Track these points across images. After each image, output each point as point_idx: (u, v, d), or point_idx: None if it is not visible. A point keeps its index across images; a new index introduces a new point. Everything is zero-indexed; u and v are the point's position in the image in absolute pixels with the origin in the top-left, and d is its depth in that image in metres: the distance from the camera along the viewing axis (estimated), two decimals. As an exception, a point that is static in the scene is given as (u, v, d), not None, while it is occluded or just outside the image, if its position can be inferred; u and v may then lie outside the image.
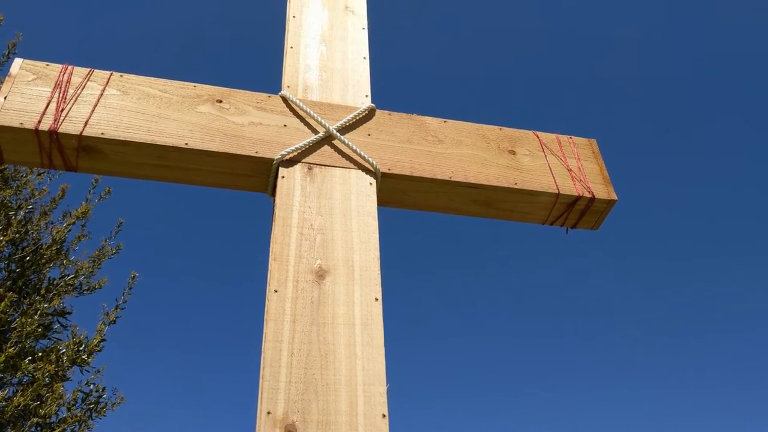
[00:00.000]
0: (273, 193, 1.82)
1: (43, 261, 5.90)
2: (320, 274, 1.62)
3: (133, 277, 5.89)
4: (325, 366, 1.46)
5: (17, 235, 5.72)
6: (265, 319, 1.53)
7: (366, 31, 2.31)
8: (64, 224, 6.12)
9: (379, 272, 1.67)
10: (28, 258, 5.77)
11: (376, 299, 1.61)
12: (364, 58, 2.22)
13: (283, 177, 1.80)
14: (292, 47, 2.16)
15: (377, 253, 1.70)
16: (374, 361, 1.50)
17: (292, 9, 2.30)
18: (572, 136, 2.19)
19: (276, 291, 1.56)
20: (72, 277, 6.02)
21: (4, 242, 5.43)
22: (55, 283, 5.86)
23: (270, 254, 1.64)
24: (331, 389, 1.43)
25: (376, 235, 1.74)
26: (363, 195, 1.82)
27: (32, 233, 6.02)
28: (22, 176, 6.17)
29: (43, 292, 5.66)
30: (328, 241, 1.69)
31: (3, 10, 6.56)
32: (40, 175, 6.26)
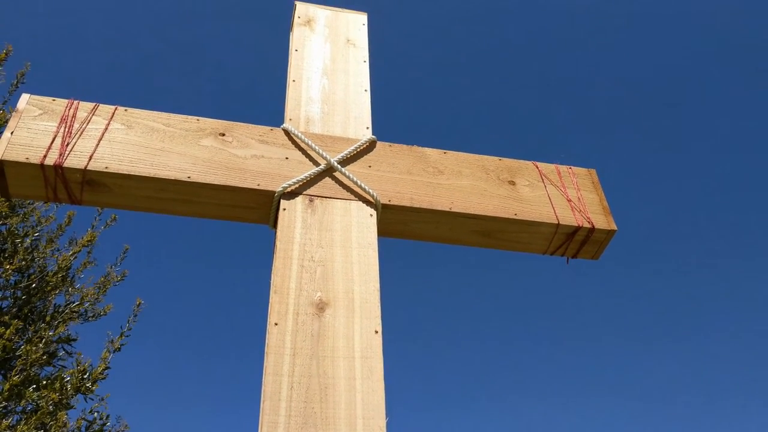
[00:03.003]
0: (275, 225, 1.84)
1: (49, 288, 5.92)
2: (320, 307, 1.63)
3: (139, 304, 5.90)
4: (325, 399, 1.46)
5: (23, 263, 5.75)
6: (265, 352, 1.53)
7: (367, 64, 2.34)
8: (70, 252, 6.15)
9: (379, 304, 1.67)
10: (34, 285, 5.79)
11: (376, 331, 1.62)
12: (366, 90, 2.25)
13: (284, 209, 1.82)
14: (294, 80, 2.20)
15: (377, 285, 1.71)
16: (374, 394, 1.50)
17: (294, 43, 2.34)
18: (572, 167, 2.20)
19: (276, 324, 1.57)
20: (77, 304, 6.03)
21: (10, 271, 5.45)
22: (60, 310, 5.88)
23: (271, 287, 1.66)
24: (330, 423, 1.44)
25: (377, 267, 1.75)
26: (363, 226, 1.84)
27: (38, 260, 6.05)
28: (29, 204, 6.22)
29: (48, 319, 5.67)
30: (328, 273, 1.70)
31: (12, 41, 6.67)
32: (46, 202, 6.31)
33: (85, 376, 5.18)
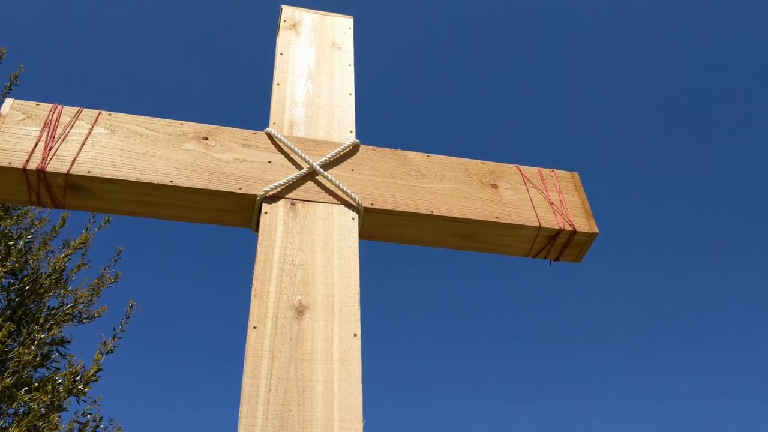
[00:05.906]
0: (257, 229, 1.85)
1: (43, 290, 5.92)
2: (300, 310, 1.63)
3: (131, 306, 5.90)
4: (302, 402, 1.47)
5: (17, 265, 5.75)
6: (244, 355, 1.54)
7: (352, 67, 2.35)
8: (64, 254, 6.15)
9: (359, 307, 1.68)
10: (27, 287, 5.79)
11: (355, 335, 1.63)
12: (350, 94, 2.26)
13: (266, 213, 1.82)
14: (278, 84, 2.21)
15: (357, 289, 1.72)
16: (351, 397, 1.51)
17: (280, 46, 2.35)
18: (554, 170, 2.21)
19: (255, 327, 1.57)
20: (71, 306, 6.03)
21: (3, 273, 5.45)
22: (53, 312, 5.88)
23: (251, 290, 1.67)
24: (307, 426, 1.45)
25: (357, 271, 1.76)
26: (345, 230, 1.85)
27: (32, 262, 6.05)
28: (22, 206, 6.22)
29: (41, 321, 5.67)
30: (308, 277, 1.71)
31: (5, 44, 6.67)
32: (37, 207, 6.30)
33: (78, 378, 5.18)
